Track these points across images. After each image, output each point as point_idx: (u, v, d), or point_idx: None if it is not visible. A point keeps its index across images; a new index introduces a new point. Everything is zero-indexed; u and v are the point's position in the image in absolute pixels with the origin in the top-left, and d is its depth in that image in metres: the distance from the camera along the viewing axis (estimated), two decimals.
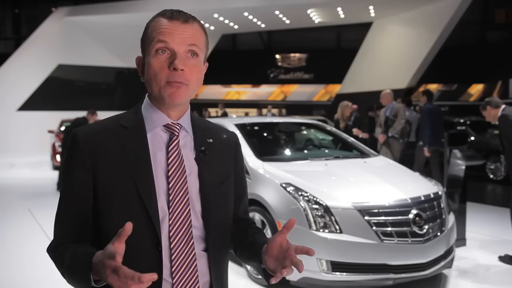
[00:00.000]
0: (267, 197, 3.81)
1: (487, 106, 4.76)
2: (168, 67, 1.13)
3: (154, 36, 1.15)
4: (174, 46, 1.14)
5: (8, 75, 16.25)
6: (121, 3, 16.04)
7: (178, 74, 1.14)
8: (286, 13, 15.84)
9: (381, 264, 3.40)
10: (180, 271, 1.14)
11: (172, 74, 1.14)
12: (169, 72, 1.14)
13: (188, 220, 1.15)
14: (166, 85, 1.14)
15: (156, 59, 1.15)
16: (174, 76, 1.13)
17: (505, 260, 4.50)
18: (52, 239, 1.20)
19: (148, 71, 1.16)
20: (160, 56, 1.14)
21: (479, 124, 10.83)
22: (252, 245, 1.24)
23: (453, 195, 4.99)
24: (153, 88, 1.16)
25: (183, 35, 1.15)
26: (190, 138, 1.23)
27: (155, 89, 1.16)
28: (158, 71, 1.14)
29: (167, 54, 1.15)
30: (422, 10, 14.66)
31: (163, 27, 1.15)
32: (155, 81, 1.15)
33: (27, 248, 5.00)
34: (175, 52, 1.14)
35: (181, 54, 1.15)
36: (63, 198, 1.17)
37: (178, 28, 1.16)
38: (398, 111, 7.43)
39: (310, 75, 25.09)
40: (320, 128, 5.63)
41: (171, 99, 1.15)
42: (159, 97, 1.16)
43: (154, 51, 1.15)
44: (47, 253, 1.19)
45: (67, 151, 1.18)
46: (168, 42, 1.14)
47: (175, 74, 1.13)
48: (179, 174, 1.16)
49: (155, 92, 1.16)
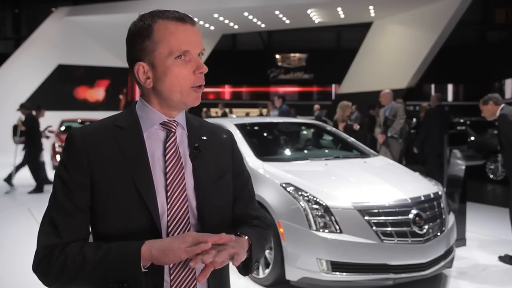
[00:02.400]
0: (267, 197, 3.82)
1: (490, 101, 4.74)
2: (193, 72, 1.15)
3: (173, 43, 1.14)
4: (193, 52, 1.16)
5: (8, 75, 16.24)
6: (121, 3, 16.03)
7: (202, 78, 1.17)
8: (286, 13, 15.83)
9: (381, 264, 3.40)
10: (177, 268, 1.14)
11: (197, 78, 1.16)
12: (195, 77, 1.16)
13: (186, 216, 1.16)
14: (191, 90, 1.16)
15: (178, 65, 1.15)
16: (199, 80, 1.16)
17: (505, 260, 4.50)
18: (44, 236, 1.15)
19: (167, 78, 1.15)
20: (179, 61, 1.15)
21: (479, 124, 10.83)
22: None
23: (453, 195, 4.98)
24: (173, 94, 1.16)
25: (197, 38, 1.18)
26: (185, 135, 1.24)
27: (176, 95, 1.16)
28: (183, 77, 1.15)
29: (186, 59, 1.15)
30: (422, 10, 14.65)
31: (180, 32, 1.15)
32: (178, 87, 1.15)
33: (27, 248, 4.99)
34: (193, 57, 1.16)
35: (198, 57, 1.17)
36: (62, 197, 1.14)
37: (192, 32, 1.17)
38: (397, 111, 7.43)
39: (310, 75, 25.10)
40: (320, 128, 5.64)
41: (194, 104, 1.19)
42: (179, 102, 1.17)
43: (173, 58, 1.14)
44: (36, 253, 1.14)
45: (64, 152, 1.16)
46: (189, 49, 1.15)
47: (200, 78, 1.17)
48: (177, 170, 1.17)
49: (175, 99, 1.16)
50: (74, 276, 1.09)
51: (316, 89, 25.84)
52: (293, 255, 3.54)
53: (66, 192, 1.14)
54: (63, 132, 12.31)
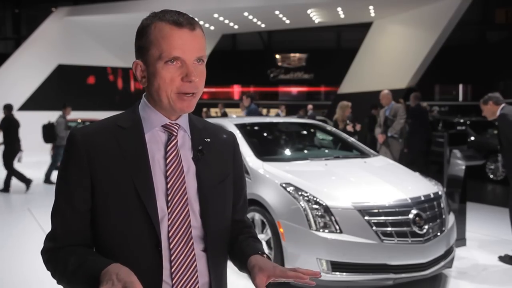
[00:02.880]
0: (267, 197, 3.81)
1: (490, 101, 4.74)
2: (182, 79, 1.12)
3: (164, 48, 1.11)
4: (185, 58, 1.12)
5: (8, 75, 16.25)
6: (121, 3, 16.04)
7: (192, 86, 1.13)
8: (286, 13, 15.84)
9: (381, 264, 3.40)
10: (180, 271, 1.13)
11: (184, 85, 1.12)
12: (182, 84, 1.12)
13: (187, 220, 1.15)
14: (177, 97, 1.13)
15: (166, 69, 1.12)
16: (186, 88, 1.13)
17: (505, 260, 4.50)
18: (47, 240, 1.17)
19: (155, 80, 1.13)
20: (169, 66, 1.12)
21: (479, 124, 10.83)
22: (241, 254, 1.24)
23: (453, 195, 4.98)
24: (161, 98, 1.14)
25: (194, 44, 1.13)
26: (188, 138, 1.22)
27: (164, 99, 1.14)
28: (169, 81, 1.12)
29: (178, 64, 1.12)
30: (422, 10, 14.66)
31: (173, 37, 1.12)
32: (164, 91, 1.13)
33: (27, 248, 5.00)
34: (186, 64, 1.12)
35: (191, 64, 1.13)
36: (61, 199, 1.15)
37: (188, 38, 1.13)
38: (397, 111, 7.44)
39: (310, 75, 25.11)
40: (320, 128, 5.64)
41: (183, 110, 1.15)
42: (168, 106, 1.15)
43: (163, 62, 1.12)
44: (41, 254, 1.17)
45: (65, 152, 1.17)
46: (180, 56, 1.12)
47: (187, 86, 1.12)
48: (177, 174, 1.16)
49: (164, 102, 1.15)
50: (65, 282, 1.12)
51: (316, 89, 25.84)
52: (293, 255, 3.54)
53: (66, 193, 1.14)
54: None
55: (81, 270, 1.06)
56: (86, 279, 1.04)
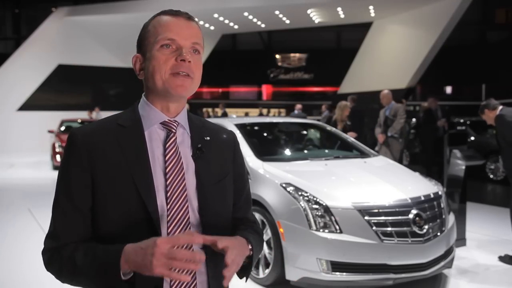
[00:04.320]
0: (267, 197, 3.81)
1: (485, 110, 4.75)
2: (175, 58, 1.15)
3: (160, 32, 1.16)
4: (180, 41, 1.16)
5: (8, 75, 16.25)
6: (121, 3, 16.03)
7: (185, 65, 1.15)
8: (286, 13, 15.84)
9: (381, 264, 3.40)
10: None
11: (178, 65, 1.15)
12: (176, 63, 1.15)
13: (186, 217, 1.15)
14: (172, 77, 1.15)
15: (161, 52, 1.16)
16: (180, 67, 1.15)
17: (505, 260, 4.50)
18: (47, 239, 1.17)
19: (151, 64, 1.17)
20: (165, 50, 1.16)
21: (479, 124, 10.82)
22: None
23: (453, 195, 4.98)
24: (156, 80, 1.16)
25: (189, 31, 1.18)
26: (187, 136, 1.23)
27: (158, 81, 1.16)
28: (163, 62, 1.15)
29: (172, 49, 1.16)
30: (422, 10, 14.66)
31: (169, 23, 1.17)
32: (159, 73, 1.15)
33: (27, 248, 5.00)
34: (181, 47, 1.16)
35: (187, 48, 1.16)
36: (61, 198, 1.15)
37: (184, 25, 1.18)
38: (397, 111, 7.44)
39: (310, 75, 25.10)
40: (320, 128, 5.64)
41: (177, 91, 1.16)
42: (163, 90, 1.16)
43: (159, 46, 1.16)
44: (42, 255, 1.17)
45: (65, 151, 1.18)
46: (175, 38, 1.16)
47: (182, 65, 1.15)
48: (177, 171, 1.16)
49: (159, 85, 1.16)
50: (73, 278, 1.12)
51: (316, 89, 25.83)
52: (293, 255, 3.54)
53: (67, 192, 1.15)
54: (63, 132, 12.30)
55: (95, 262, 1.07)
56: (104, 269, 1.05)
